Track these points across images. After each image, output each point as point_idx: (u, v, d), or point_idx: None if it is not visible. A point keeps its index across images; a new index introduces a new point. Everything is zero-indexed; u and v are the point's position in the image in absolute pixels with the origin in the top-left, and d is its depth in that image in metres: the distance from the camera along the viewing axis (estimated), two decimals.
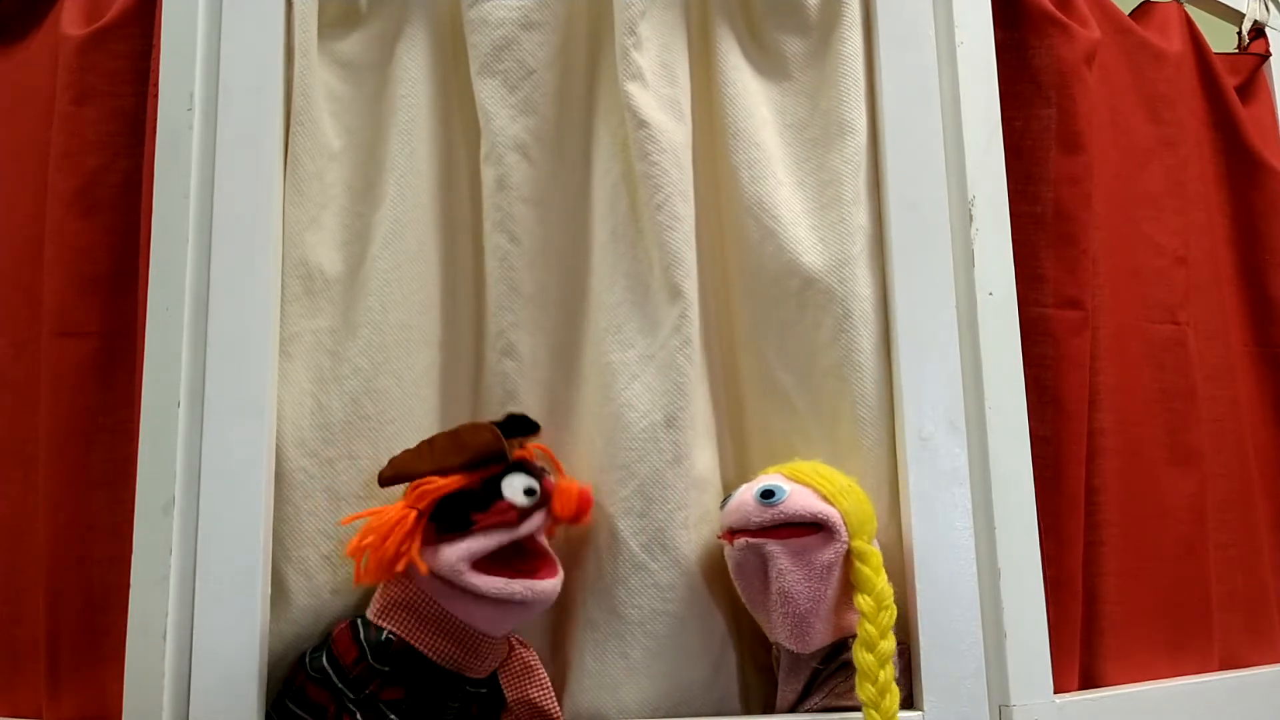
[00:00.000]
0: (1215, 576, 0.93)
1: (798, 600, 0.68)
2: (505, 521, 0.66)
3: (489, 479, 0.67)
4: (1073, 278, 0.84)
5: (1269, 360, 1.05)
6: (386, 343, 0.74)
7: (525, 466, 0.69)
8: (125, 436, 0.75)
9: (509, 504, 0.66)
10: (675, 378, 0.75)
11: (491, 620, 0.68)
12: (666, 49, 0.80)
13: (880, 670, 0.65)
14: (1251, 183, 1.06)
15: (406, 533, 0.65)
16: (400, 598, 0.68)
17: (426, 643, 0.67)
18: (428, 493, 0.66)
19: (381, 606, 0.68)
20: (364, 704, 0.67)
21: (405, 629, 0.67)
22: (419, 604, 0.68)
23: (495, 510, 0.66)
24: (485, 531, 0.66)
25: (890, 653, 0.66)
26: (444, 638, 0.68)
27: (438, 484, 0.66)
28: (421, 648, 0.67)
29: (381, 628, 0.67)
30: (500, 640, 0.70)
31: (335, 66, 0.80)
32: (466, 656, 0.68)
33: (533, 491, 0.68)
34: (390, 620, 0.68)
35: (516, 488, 0.67)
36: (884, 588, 0.67)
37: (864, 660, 0.65)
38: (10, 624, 0.81)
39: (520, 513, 0.67)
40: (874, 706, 0.64)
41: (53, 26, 0.87)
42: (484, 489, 0.67)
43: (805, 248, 0.78)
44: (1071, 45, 0.86)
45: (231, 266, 0.71)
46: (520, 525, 0.67)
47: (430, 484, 0.66)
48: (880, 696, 0.65)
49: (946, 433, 0.75)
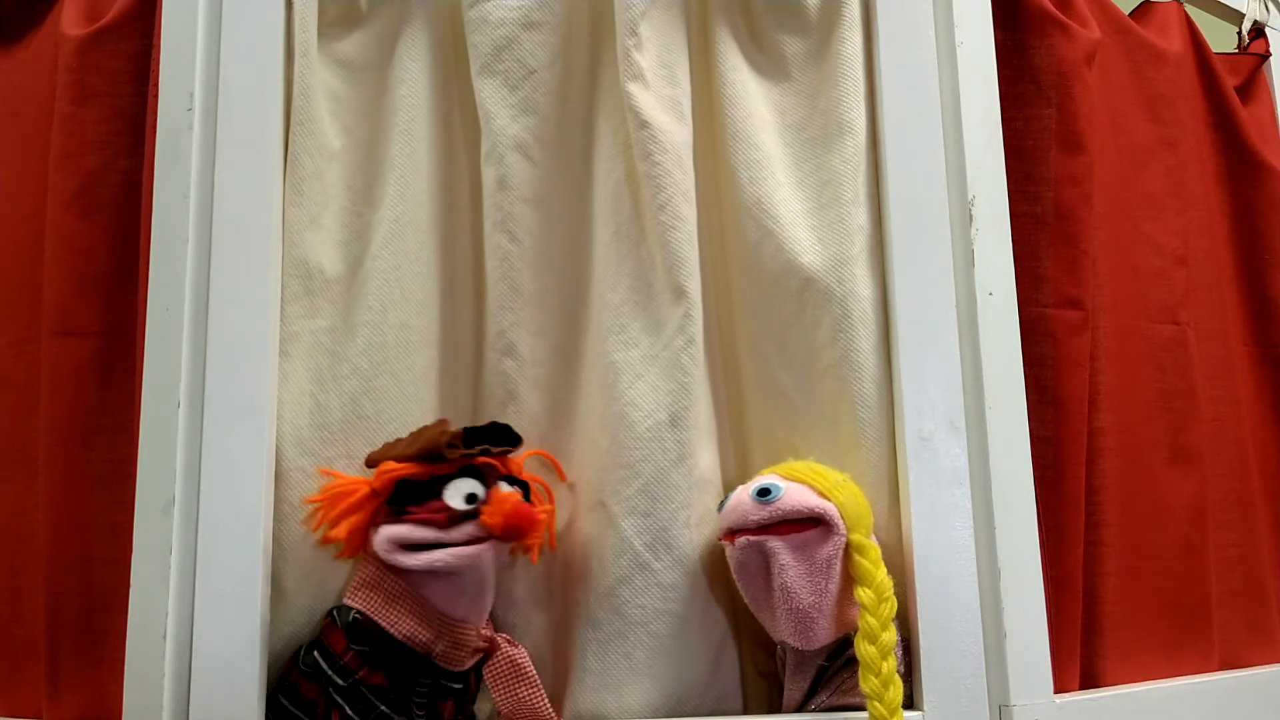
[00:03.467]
0: (1215, 576, 0.93)
1: (801, 595, 0.68)
2: (434, 520, 0.67)
3: (439, 476, 0.69)
4: (1073, 278, 0.84)
5: (1269, 360, 1.05)
6: (386, 343, 0.75)
7: (481, 474, 0.69)
8: (125, 436, 0.75)
9: (443, 504, 0.68)
10: (680, 377, 0.75)
11: (442, 596, 0.69)
12: (667, 49, 0.80)
13: (883, 662, 0.65)
14: (1251, 183, 1.06)
15: (352, 504, 0.69)
16: (368, 576, 0.69)
17: (389, 619, 0.68)
18: (381, 473, 0.69)
19: (353, 586, 0.70)
20: (349, 691, 0.67)
21: (370, 606, 0.69)
22: (383, 582, 0.69)
23: (428, 507, 0.68)
24: (416, 523, 0.68)
25: (892, 644, 0.66)
26: (408, 615, 0.68)
27: (391, 468, 0.69)
28: (384, 624, 0.68)
29: (350, 607, 0.69)
30: (465, 626, 0.70)
31: (335, 66, 0.80)
32: (433, 638, 0.69)
33: (474, 499, 0.68)
34: (357, 599, 0.69)
35: (458, 490, 0.68)
36: (884, 580, 0.68)
37: (866, 652, 0.65)
38: (10, 624, 0.81)
39: (451, 515, 0.67)
40: (878, 698, 0.65)
41: (53, 26, 0.86)
42: (429, 483, 0.69)
43: (804, 248, 0.78)
44: (1072, 45, 0.86)
45: (231, 266, 0.71)
46: (450, 529, 0.67)
47: (386, 466, 0.69)
48: (884, 688, 0.65)
49: (946, 433, 0.75)
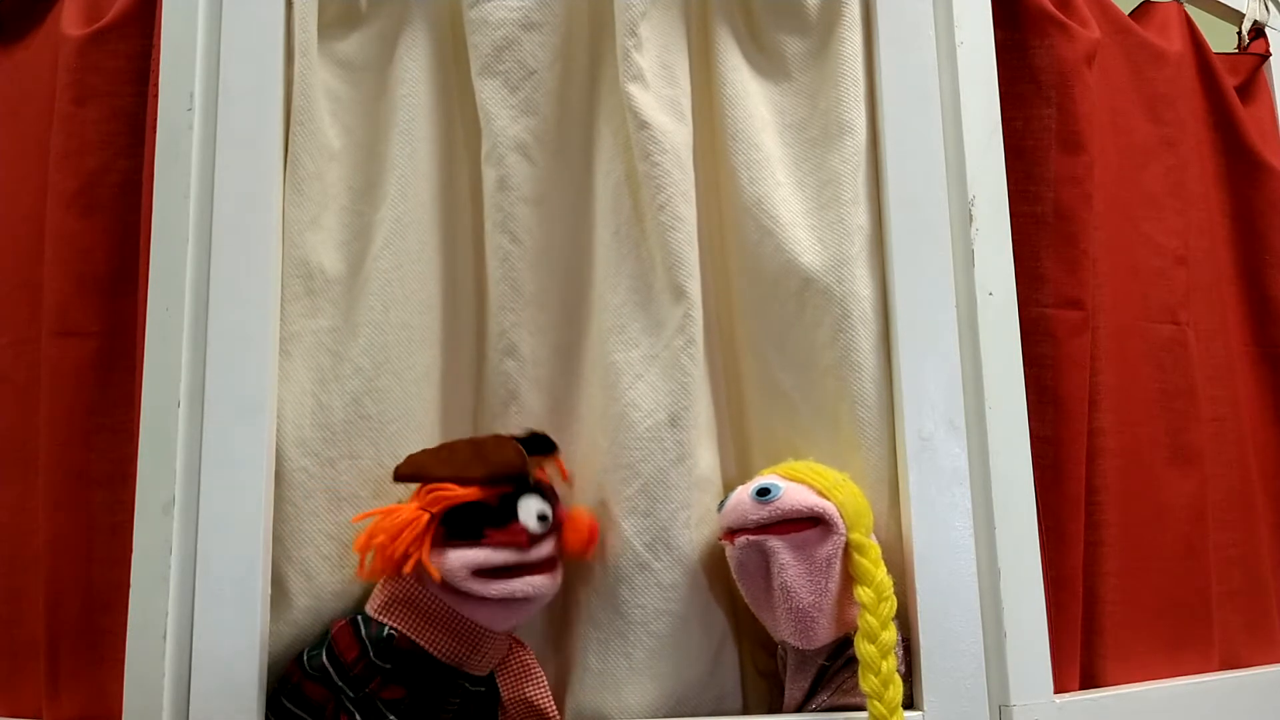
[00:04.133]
0: (1215, 576, 0.93)
1: (801, 594, 0.68)
2: (516, 543, 0.67)
3: (505, 496, 0.68)
4: (1073, 278, 0.84)
5: (1269, 360, 1.05)
6: (387, 342, 0.74)
7: (541, 490, 0.70)
8: (125, 436, 0.75)
9: (522, 527, 0.67)
10: (680, 377, 0.75)
11: (494, 617, 0.68)
12: (667, 50, 0.80)
13: (883, 661, 0.65)
14: (1251, 183, 1.06)
15: (417, 535, 0.66)
16: (402, 594, 0.68)
17: (429, 638, 0.67)
18: (443, 498, 0.67)
19: (383, 603, 0.68)
20: (363, 703, 0.67)
21: (408, 625, 0.67)
22: (421, 600, 0.68)
23: (510, 530, 0.67)
24: (495, 547, 0.67)
25: (893, 643, 0.66)
26: (446, 634, 0.68)
27: (455, 492, 0.67)
28: (424, 643, 0.67)
29: (383, 624, 0.67)
30: (501, 636, 0.70)
31: (335, 66, 0.80)
32: (468, 652, 0.68)
33: (545, 518, 0.68)
34: (392, 616, 0.68)
35: (531, 511, 0.68)
36: (883, 579, 0.68)
37: (866, 651, 0.65)
38: (10, 624, 0.81)
39: (531, 537, 0.67)
40: (878, 697, 0.65)
41: (53, 26, 0.86)
42: (500, 506, 0.68)
43: (804, 248, 0.78)
44: (1072, 45, 0.86)
45: (231, 266, 0.71)
46: (530, 550, 0.68)
47: (447, 490, 0.67)
48: (884, 687, 0.65)
49: (946, 433, 0.75)
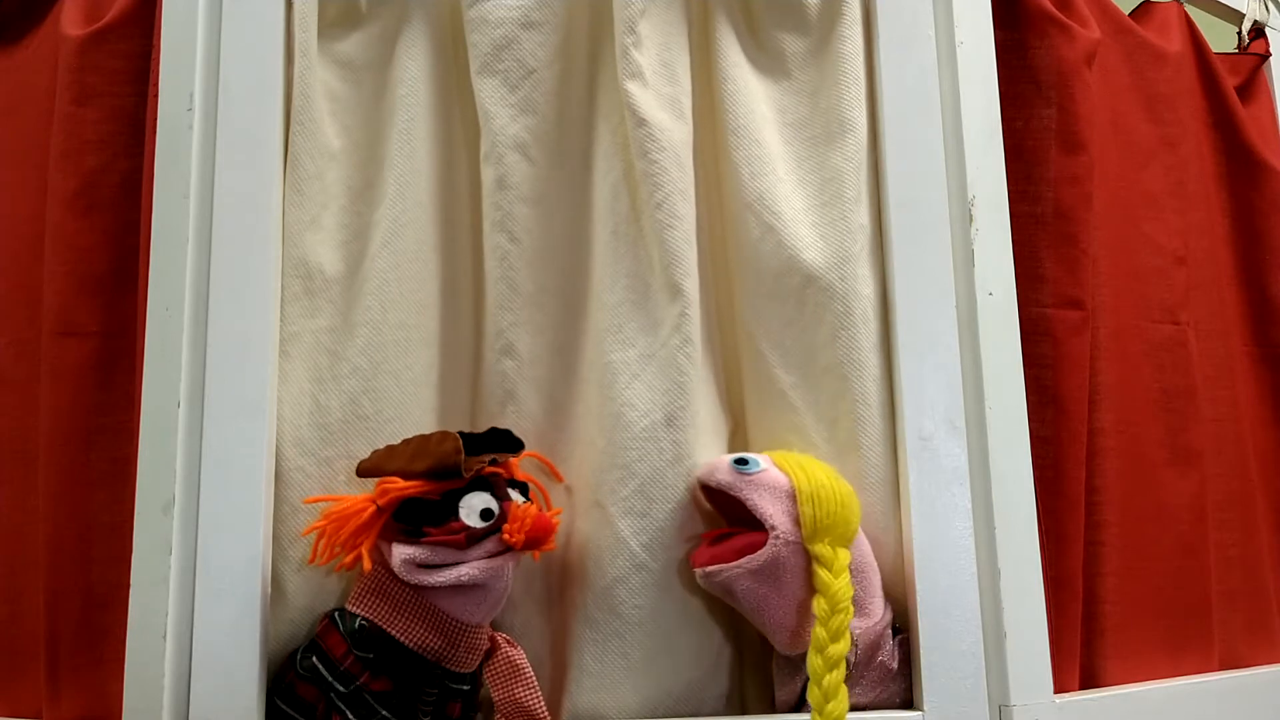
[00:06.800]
0: (1215, 576, 0.93)
1: (770, 612, 0.69)
2: (453, 542, 0.66)
3: (450, 492, 0.67)
4: (1073, 278, 0.84)
5: (1269, 360, 1.05)
6: (385, 342, 0.74)
7: (490, 486, 0.68)
8: (125, 436, 0.75)
9: (461, 525, 0.66)
10: (676, 377, 0.74)
11: (455, 605, 0.68)
12: (666, 47, 0.80)
13: (828, 674, 0.65)
14: (1251, 183, 1.06)
15: (361, 525, 0.67)
16: (374, 585, 0.69)
17: (399, 627, 0.67)
18: (389, 492, 0.67)
19: (357, 593, 0.69)
20: (352, 697, 0.67)
21: (378, 614, 0.68)
22: (391, 590, 0.68)
23: (445, 529, 0.66)
24: (432, 546, 0.66)
25: (841, 656, 0.66)
26: (418, 623, 0.68)
27: (399, 485, 0.67)
28: (394, 632, 0.67)
29: (356, 614, 0.68)
30: (478, 630, 0.69)
31: (335, 66, 0.80)
32: (445, 645, 0.68)
33: (490, 514, 0.67)
34: (363, 606, 0.68)
35: (473, 508, 0.67)
36: (839, 590, 0.67)
37: (812, 663, 0.65)
38: (10, 624, 0.81)
39: (469, 536, 0.66)
40: (819, 710, 0.64)
41: (53, 26, 0.86)
42: (443, 501, 0.67)
43: (805, 245, 0.78)
44: (1072, 45, 0.86)
45: (231, 266, 0.71)
46: (468, 549, 0.66)
47: (393, 484, 0.68)
48: (825, 700, 0.64)
49: (946, 433, 0.75)
